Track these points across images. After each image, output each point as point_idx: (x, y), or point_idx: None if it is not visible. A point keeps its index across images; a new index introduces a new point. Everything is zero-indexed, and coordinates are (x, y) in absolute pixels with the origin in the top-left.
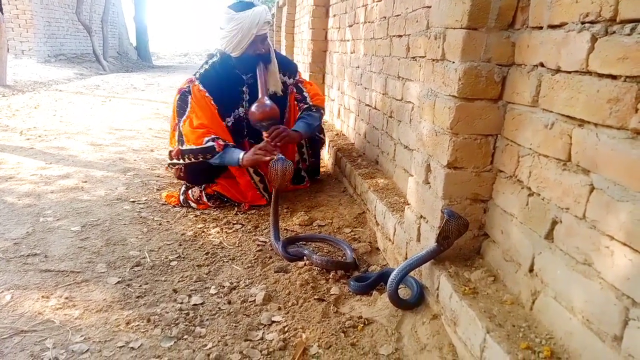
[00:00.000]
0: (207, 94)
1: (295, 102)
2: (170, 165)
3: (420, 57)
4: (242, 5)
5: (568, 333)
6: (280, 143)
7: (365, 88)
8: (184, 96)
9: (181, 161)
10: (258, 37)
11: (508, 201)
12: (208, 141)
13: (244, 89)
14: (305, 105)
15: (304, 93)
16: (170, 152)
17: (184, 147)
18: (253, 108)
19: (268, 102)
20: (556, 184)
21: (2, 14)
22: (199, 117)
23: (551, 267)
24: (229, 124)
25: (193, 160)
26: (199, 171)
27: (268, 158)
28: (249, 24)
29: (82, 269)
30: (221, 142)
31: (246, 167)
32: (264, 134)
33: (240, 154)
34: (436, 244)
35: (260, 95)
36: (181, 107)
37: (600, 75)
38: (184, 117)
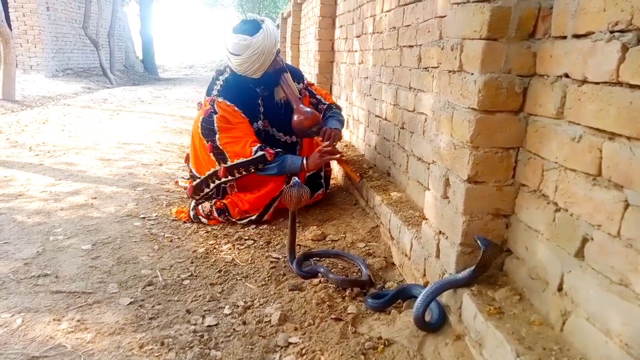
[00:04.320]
0: (236, 108)
1: (311, 106)
2: (198, 190)
3: (432, 67)
4: (251, 27)
5: (605, 357)
6: (337, 141)
7: (375, 99)
8: (209, 117)
9: (229, 178)
10: (276, 53)
11: (533, 217)
12: (257, 151)
13: (259, 101)
14: (325, 106)
15: (317, 96)
16: (211, 174)
17: (231, 163)
18: (298, 118)
19: (307, 109)
20: (586, 200)
21: (11, 29)
22: (237, 131)
23: (583, 287)
24: None
25: (244, 173)
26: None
27: (337, 156)
28: (269, 45)
29: (94, 289)
30: (271, 151)
31: (310, 172)
32: (317, 139)
33: (301, 160)
34: (473, 271)
35: (295, 106)
36: (209, 129)
37: (633, 87)
38: (217, 136)
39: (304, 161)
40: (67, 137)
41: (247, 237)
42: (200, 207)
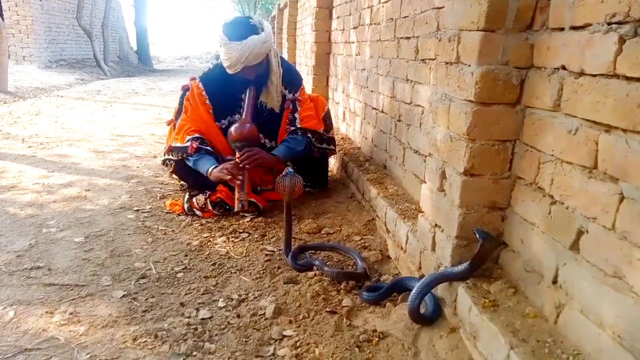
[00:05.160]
0: (203, 92)
1: (287, 121)
2: (166, 162)
3: (430, 59)
4: (238, 33)
5: (597, 349)
6: (250, 166)
7: (372, 91)
8: (184, 94)
9: (168, 156)
10: (247, 67)
11: (528, 209)
12: (188, 140)
13: (243, 96)
14: (292, 128)
15: (296, 114)
16: (165, 150)
17: (173, 144)
18: (231, 128)
19: (248, 124)
20: (581, 192)
21: (3, 20)
22: (189, 115)
23: (577, 279)
24: (223, 126)
25: (176, 157)
26: (188, 171)
27: (229, 178)
28: (238, 57)
29: (87, 282)
30: (195, 145)
31: (212, 179)
32: (236, 155)
33: (209, 166)
34: (470, 264)
35: (243, 117)
36: (181, 105)
37: (630, 79)
38: (182, 116)
39: (211, 169)
40: (60, 128)
41: (241, 230)
42: (194, 199)
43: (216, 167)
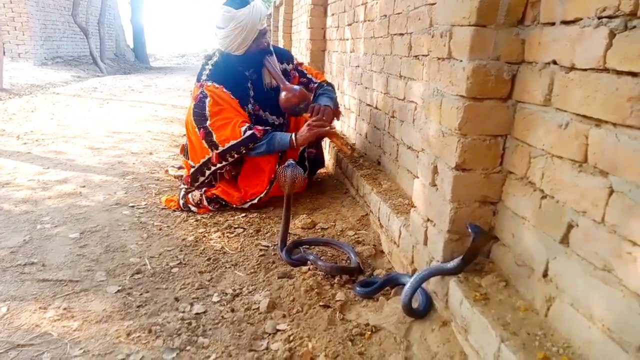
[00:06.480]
0: (224, 89)
1: (301, 85)
2: (194, 179)
3: (423, 55)
4: (239, 1)
5: (587, 342)
6: (325, 117)
7: (366, 87)
8: (201, 102)
9: (224, 163)
10: (260, 32)
11: (519, 204)
12: (245, 131)
13: (249, 85)
14: (316, 84)
15: (308, 75)
16: (206, 162)
17: (223, 148)
18: (285, 95)
19: (295, 86)
20: (572, 186)
21: None
22: (226, 112)
23: (567, 273)
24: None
25: (236, 156)
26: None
27: (326, 129)
28: (252, 21)
29: (81, 277)
30: (260, 128)
31: (300, 147)
32: (305, 115)
33: (290, 135)
34: (462, 259)
35: (282, 85)
36: (200, 115)
37: (619, 73)
38: (208, 122)
39: (293, 136)
40: (56, 125)
41: (236, 226)
42: (190, 195)
43: (296, 133)
